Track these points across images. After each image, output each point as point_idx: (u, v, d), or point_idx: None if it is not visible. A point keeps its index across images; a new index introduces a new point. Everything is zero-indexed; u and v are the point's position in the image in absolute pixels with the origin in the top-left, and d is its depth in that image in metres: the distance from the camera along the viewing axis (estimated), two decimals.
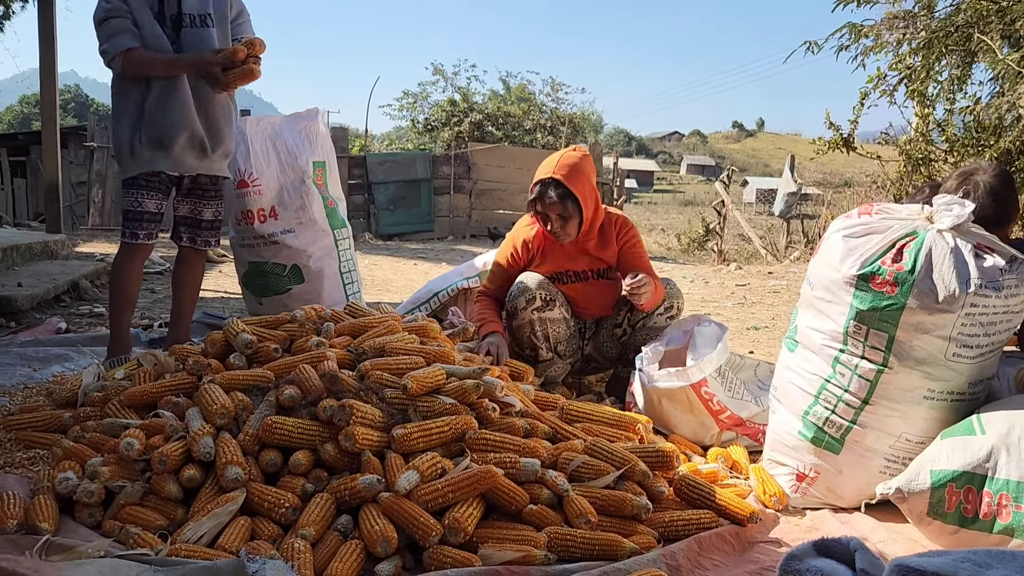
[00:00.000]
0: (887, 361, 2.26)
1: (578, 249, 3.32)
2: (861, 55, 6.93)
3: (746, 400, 3.04)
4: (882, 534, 2.24)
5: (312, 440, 2.20)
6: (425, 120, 23.36)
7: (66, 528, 1.97)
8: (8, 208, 17.93)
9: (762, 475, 2.54)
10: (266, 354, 2.64)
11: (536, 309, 3.23)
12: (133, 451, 2.12)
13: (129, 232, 3.37)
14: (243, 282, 4.26)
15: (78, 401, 2.73)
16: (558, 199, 3.14)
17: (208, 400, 2.28)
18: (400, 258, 11.22)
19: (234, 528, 1.95)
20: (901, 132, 7.14)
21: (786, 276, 8.55)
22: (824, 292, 2.37)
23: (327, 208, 4.19)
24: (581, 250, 3.33)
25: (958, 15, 6.30)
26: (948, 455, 2.13)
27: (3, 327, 4.39)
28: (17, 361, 3.49)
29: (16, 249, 5.88)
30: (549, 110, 23.60)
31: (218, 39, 3.32)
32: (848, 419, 2.35)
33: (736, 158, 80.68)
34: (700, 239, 15.60)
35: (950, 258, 2.19)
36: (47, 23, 6.93)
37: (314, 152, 4.19)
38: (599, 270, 3.37)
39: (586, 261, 3.36)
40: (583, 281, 3.38)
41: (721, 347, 2.97)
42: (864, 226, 2.34)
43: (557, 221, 3.20)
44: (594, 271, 3.37)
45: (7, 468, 2.31)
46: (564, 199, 3.14)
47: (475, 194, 17.47)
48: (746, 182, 51.63)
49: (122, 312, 3.47)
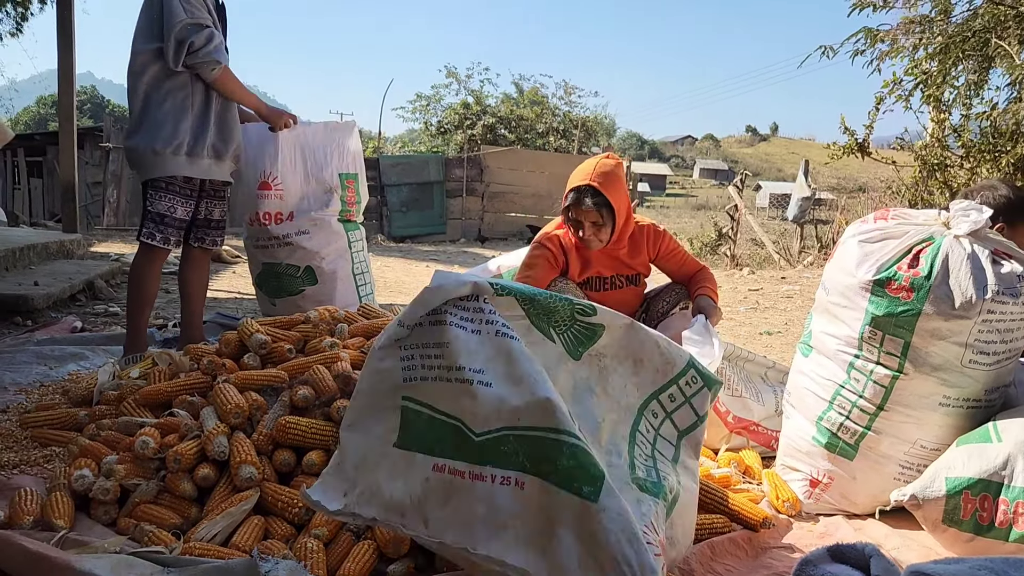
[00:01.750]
0: (902, 367, 2.25)
1: (608, 256, 3.31)
2: (877, 60, 6.90)
3: (746, 397, 2.99)
4: (896, 541, 2.23)
5: (326, 440, 2.20)
6: (438, 123, 23.44)
7: (81, 525, 1.99)
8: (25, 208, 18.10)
9: (775, 480, 2.53)
10: (280, 354, 2.65)
11: None
12: (148, 450, 2.13)
13: (161, 237, 3.35)
14: (257, 283, 4.28)
15: (93, 399, 2.76)
16: (594, 207, 3.08)
17: (223, 400, 2.29)
18: (412, 260, 11.25)
19: (248, 527, 1.96)
20: (917, 137, 7.11)
21: (799, 281, 8.51)
22: (839, 297, 2.36)
23: (343, 214, 4.21)
24: (611, 256, 3.31)
25: (975, 20, 6.27)
26: (964, 462, 2.11)
27: (20, 325, 4.43)
28: (33, 359, 3.52)
29: (33, 248, 5.94)
30: (562, 113, 23.62)
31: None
32: (863, 425, 2.34)
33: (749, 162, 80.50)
34: (713, 243, 15.55)
35: (967, 264, 2.18)
36: (65, 24, 7.00)
37: (343, 164, 4.20)
38: (629, 276, 3.37)
39: (616, 267, 3.34)
40: (616, 288, 3.37)
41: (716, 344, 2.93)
42: (880, 231, 2.32)
43: (590, 228, 3.14)
44: (624, 277, 3.37)
45: (24, 466, 2.34)
46: (600, 207, 3.09)
47: (487, 197, 17.51)
48: (759, 187, 51.48)
49: (140, 311, 3.48)
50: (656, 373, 1.73)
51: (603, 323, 1.67)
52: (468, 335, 1.52)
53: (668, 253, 3.36)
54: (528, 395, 1.45)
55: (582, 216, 3.13)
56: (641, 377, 1.71)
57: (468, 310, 1.56)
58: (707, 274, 3.35)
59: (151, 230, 3.34)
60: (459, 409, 1.47)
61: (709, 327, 2.98)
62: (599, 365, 1.66)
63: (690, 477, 1.77)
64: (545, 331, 1.60)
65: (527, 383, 1.46)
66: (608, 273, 3.34)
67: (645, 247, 3.33)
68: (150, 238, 3.34)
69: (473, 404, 1.46)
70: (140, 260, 3.43)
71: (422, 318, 1.56)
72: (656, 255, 3.35)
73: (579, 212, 3.12)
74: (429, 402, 1.50)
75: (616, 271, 3.34)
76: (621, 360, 1.69)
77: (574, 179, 3.15)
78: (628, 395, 1.69)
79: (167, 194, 3.33)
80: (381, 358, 1.54)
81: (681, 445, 1.76)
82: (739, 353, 3.19)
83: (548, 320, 1.60)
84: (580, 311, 1.64)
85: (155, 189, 3.32)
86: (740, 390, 3.00)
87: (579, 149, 22.14)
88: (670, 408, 1.76)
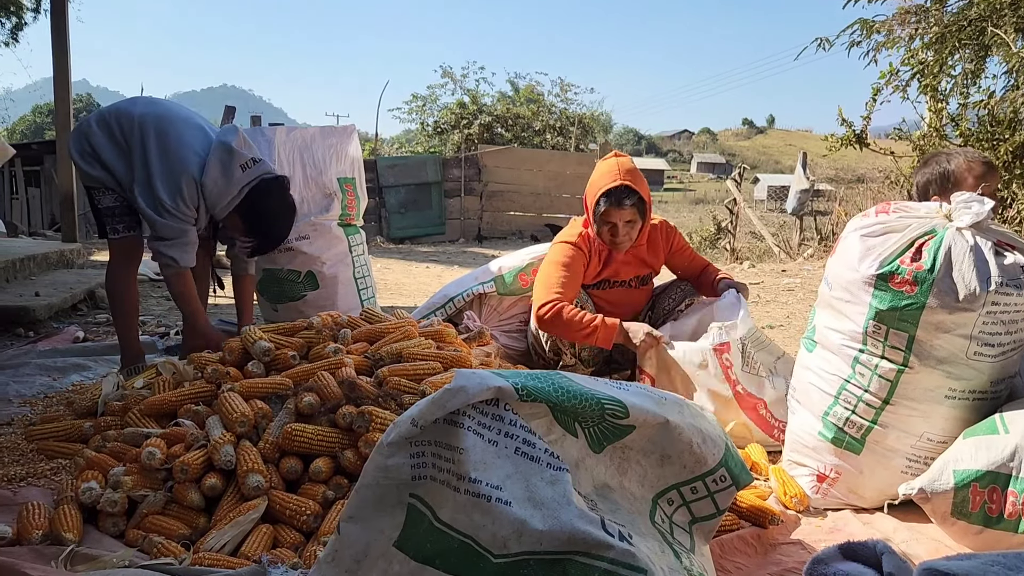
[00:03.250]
0: (907, 361, 2.25)
1: (631, 256, 3.30)
2: (873, 51, 6.91)
3: (762, 376, 3.00)
4: (905, 534, 2.23)
5: (332, 447, 2.20)
6: (434, 123, 23.39)
7: (90, 538, 1.99)
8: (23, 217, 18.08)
9: (782, 476, 2.53)
10: (284, 361, 2.65)
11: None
12: (155, 460, 2.13)
13: (123, 226, 3.23)
14: (258, 289, 4.28)
15: (98, 410, 2.75)
16: (632, 206, 3.07)
17: (228, 408, 2.29)
18: (412, 261, 11.24)
19: (257, 536, 1.96)
20: (914, 127, 7.10)
21: (800, 274, 8.51)
22: (842, 292, 2.36)
23: (343, 219, 4.21)
24: (634, 256, 3.30)
25: (971, 9, 6.27)
26: (971, 455, 2.11)
27: (22, 337, 4.43)
28: (36, 371, 3.53)
29: (33, 259, 5.94)
30: (558, 111, 23.57)
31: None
32: (869, 419, 2.33)
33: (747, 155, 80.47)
34: (712, 237, 15.54)
35: (970, 256, 2.18)
36: (60, 34, 7.00)
37: (341, 168, 4.20)
38: (642, 276, 3.37)
39: (634, 268, 3.33)
40: (625, 287, 3.37)
41: (744, 315, 2.96)
42: (882, 225, 2.32)
43: (625, 229, 3.12)
44: (638, 278, 3.37)
45: (31, 478, 2.33)
46: (636, 205, 3.08)
47: (486, 196, 17.49)
48: (757, 179, 51.46)
49: (128, 322, 3.39)
50: (683, 469, 1.62)
51: (634, 424, 1.53)
52: (485, 445, 1.40)
53: (679, 249, 3.38)
54: (552, 520, 1.33)
55: (618, 218, 3.08)
56: (664, 470, 1.60)
57: (487, 415, 1.43)
58: (716, 268, 3.41)
59: (112, 224, 3.22)
60: (471, 525, 1.35)
61: (741, 299, 3.03)
62: (620, 457, 1.56)
63: (708, 564, 1.68)
64: (568, 426, 1.49)
65: (550, 507, 1.34)
66: (626, 276, 3.33)
67: (660, 243, 3.34)
68: (114, 232, 3.23)
69: (489, 522, 1.34)
70: (115, 264, 3.31)
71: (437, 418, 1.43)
72: (669, 251, 3.36)
73: (618, 214, 3.07)
74: (434, 507, 1.39)
75: (634, 272, 3.34)
76: (647, 454, 1.58)
77: (601, 182, 3.09)
78: (645, 486, 1.60)
79: (106, 190, 3.19)
80: (389, 454, 1.42)
81: (694, 531, 1.66)
82: (758, 337, 3.20)
83: (573, 417, 1.49)
84: (611, 413, 1.50)
85: (95, 190, 3.20)
86: (758, 369, 3.01)
87: (576, 146, 22.12)
88: (689, 498, 1.65)
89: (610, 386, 1.58)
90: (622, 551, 1.31)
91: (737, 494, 2.26)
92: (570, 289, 3.17)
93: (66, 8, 7.04)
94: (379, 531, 1.41)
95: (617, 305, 3.41)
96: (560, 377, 1.52)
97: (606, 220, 3.12)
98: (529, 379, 1.46)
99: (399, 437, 1.42)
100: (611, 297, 3.38)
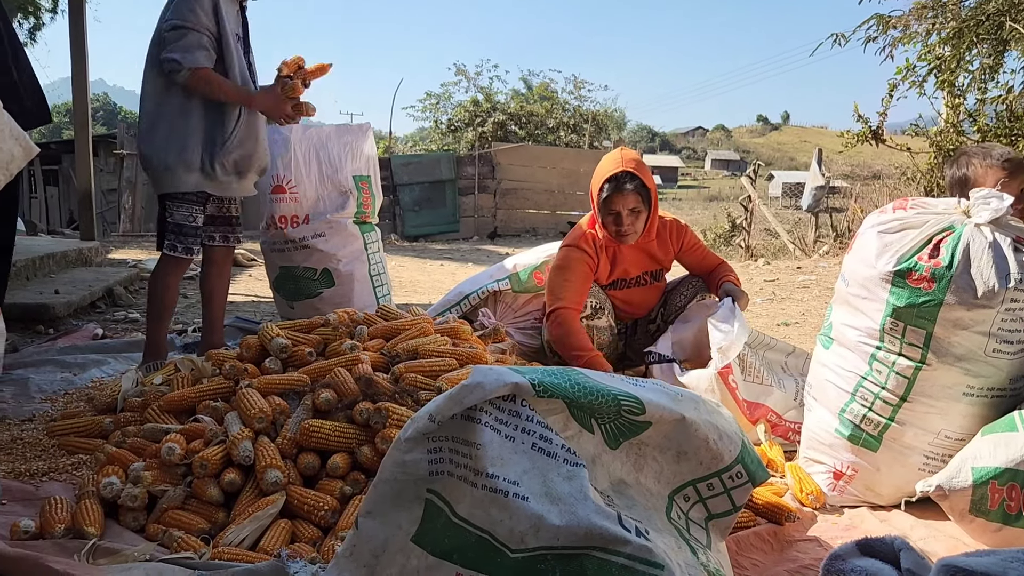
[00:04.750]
0: (925, 358, 2.23)
1: (640, 251, 3.30)
2: (889, 46, 6.86)
3: (768, 384, 2.98)
4: (922, 531, 2.22)
5: (349, 443, 2.22)
6: (448, 121, 23.42)
7: (111, 532, 2.01)
8: (42, 216, 18.27)
9: (799, 473, 2.52)
10: (301, 358, 2.67)
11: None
12: (175, 456, 2.15)
13: (183, 247, 3.29)
14: (274, 286, 4.31)
15: (118, 406, 2.78)
16: (634, 190, 3.07)
17: (246, 404, 2.31)
18: (426, 259, 11.27)
19: (275, 531, 1.98)
20: (931, 123, 7.06)
21: (815, 271, 8.46)
22: (859, 289, 2.35)
23: (358, 216, 4.23)
24: (643, 252, 3.30)
25: (989, 3, 6.21)
26: (990, 452, 2.09)
27: (42, 334, 4.48)
28: (57, 367, 3.57)
29: (52, 257, 6.00)
30: (572, 108, 23.55)
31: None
32: (886, 416, 2.32)
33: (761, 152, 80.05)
34: (726, 234, 15.49)
35: (988, 253, 2.16)
36: (78, 34, 7.05)
37: (357, 166, 4.22)
38: (654, 272, 3.37)
39: (644, 264, 3.33)
40: (639, 286, 3.37)
41: (739, 328, 2.93)
42: (899, 221, 2.31)
43: (629, 217, 3.11)
44: (649, 273, 3.37)
45: (52, 474, 2.37)
46: (638, 191, 3.09)
47: (499, 194, 17.51)
48: (772, 176, 51.18)
49: (161, 321, 3.46)
50: (699, 465, 1.61)
51: (651, 421, 1.53)
52: (502, 440, 1.41)
53: (691, 247, 3.38)
54: (569, 515, 1.33)
55: (620, 204, 3.08)
56: (681, 466, 1.60)
57: (504, 411, 1.44)
58: (728, 266, 3.38)
59: (172, 241, 3.30)
60: (488, 520, 1.36)
61: (736, 310, 3.00)
62: (637, 453, 1.56)
63: (724, 561, 1.69)
64: (585, 422, 1.49)
65: (567, 503, 1.34)
66: (635, 272, 3.34)
67: (670, 241, 3.34)
68: (172, 249, 3.30)
69: (507, 517, 1.35)
70: (162, 271, 3.39)
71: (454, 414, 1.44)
72: (679, 249, 3.36)
73: (619, 200, 3.08)
74: (451, 502, 1.40)
75: (644, 268, 3.34)
76: (663, 450, 1.59)
77: (604, 170, 3.11)
78: (661, 483, 1.60)
79: (183, 203, 3.27)
80: (407, 450, 1.43)
81: (711, 527, 1.65)
82: (761, 340, 3.19)
83: (590, 413, 1.50)
84: (627, 409, 1.50)
85: (171, 200, 3.27)
86: (763, 376, 3.00)
87: (590, 144, 22.09)
88: (705, 495, 1.65)
89: (626, 382, 1.58)
90: (639, 546, 1.31)
91: (753, 491, 2.26)
92: (575, 294, 3.17)
93: (83, 8, 7.10)
94: (397, 526, 1.42)
95: (632, 304, 3.42)
96: (576, 373, 1.52)
97: (610, 209, 3.12)
98: (545, 375, 1.47)
99: (417, 433, 1.42)
100: (625, 296, 3.39)
